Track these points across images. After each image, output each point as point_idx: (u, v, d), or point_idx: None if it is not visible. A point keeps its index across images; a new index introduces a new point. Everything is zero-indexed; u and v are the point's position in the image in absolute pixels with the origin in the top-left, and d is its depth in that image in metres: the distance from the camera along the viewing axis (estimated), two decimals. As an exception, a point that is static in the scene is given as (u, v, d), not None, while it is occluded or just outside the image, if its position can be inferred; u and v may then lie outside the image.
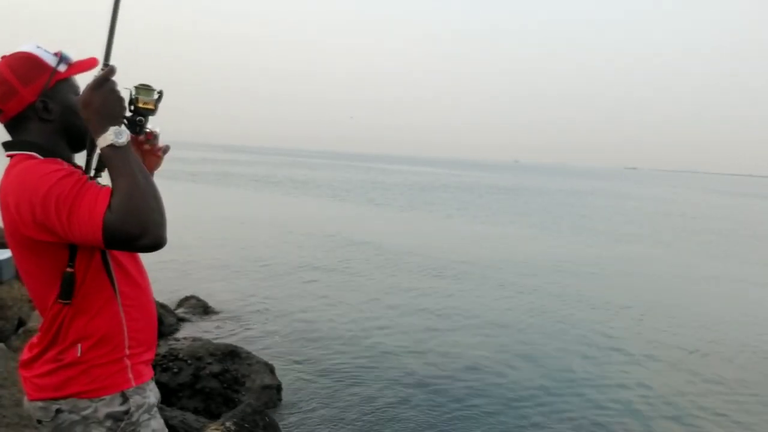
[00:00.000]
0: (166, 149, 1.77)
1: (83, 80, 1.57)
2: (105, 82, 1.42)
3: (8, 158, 1.55)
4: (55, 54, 1.54)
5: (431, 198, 33.02)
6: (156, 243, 1.37)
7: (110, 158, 1.38)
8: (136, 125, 1.53)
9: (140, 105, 1.53)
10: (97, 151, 1.47)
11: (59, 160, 1.52)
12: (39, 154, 1.51)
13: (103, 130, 1.38)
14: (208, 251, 12.18)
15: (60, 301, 1.48)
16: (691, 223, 26.37)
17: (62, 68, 1.54)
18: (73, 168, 1.49)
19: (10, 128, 1.54)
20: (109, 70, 1.44)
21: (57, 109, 1.54)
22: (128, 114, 1.51)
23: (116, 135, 1.38)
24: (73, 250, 1.46)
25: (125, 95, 1.50)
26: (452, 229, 19.67)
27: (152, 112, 1.55)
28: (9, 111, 1.51)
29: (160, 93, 1.55)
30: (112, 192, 1.36)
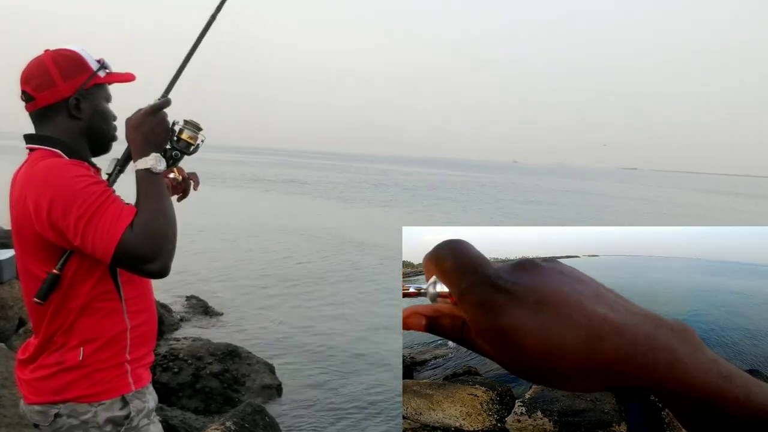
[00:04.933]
0: (186, 187, 1.78)
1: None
2: (159, 111, 1.51)
3: (28, 151, 1.56)
4: (98, 60, 1.58)
5: (431, 197, 33.08)
6: (162, 270, 1.41)
7: (144, 181, 1.45)
8: (172, 158, 1.56)
9: (183, 137, 1.56)
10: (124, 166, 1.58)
11: (85, 163, 1.54)
12: (63, 152, 1.53)
13: (145, 154, 1.47)
14: (208, 251, 12.17)
15: (36, 300, 1.46)
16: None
17: (101, 74, 1.58)
18: (99, 177, 1.52)
19: (36, 118, 1.56)
20: (165, 101, 1.54)
21: (88, 109, 1.56)
22: (168, 146, 1.55)
23: (156, 161, 1.46)
24: (66, 254, 1.45)
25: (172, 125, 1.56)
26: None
27: (192, 148, 1.58)
28: (41, 101, 1.53)
29: (203, 137, 1.60)
30: (137, 212, 1.40)
